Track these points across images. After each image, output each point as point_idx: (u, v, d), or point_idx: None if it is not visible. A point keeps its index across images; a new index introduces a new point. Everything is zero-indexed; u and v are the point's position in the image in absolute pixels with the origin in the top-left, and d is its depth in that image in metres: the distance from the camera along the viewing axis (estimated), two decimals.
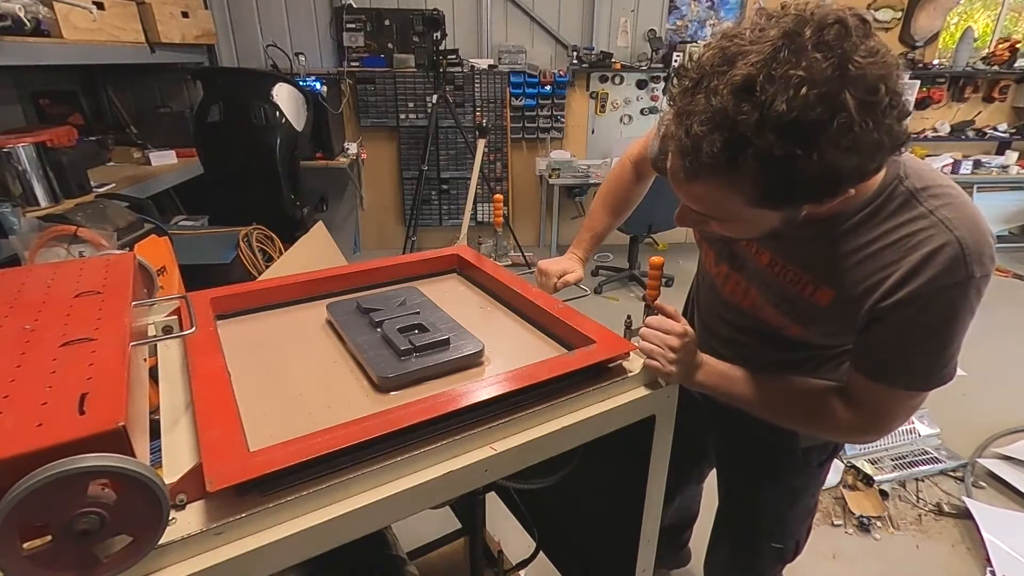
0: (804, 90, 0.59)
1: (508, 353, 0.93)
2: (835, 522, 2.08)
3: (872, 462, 2.31)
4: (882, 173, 0.76)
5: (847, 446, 2.36)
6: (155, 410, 0.75)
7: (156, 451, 0.68)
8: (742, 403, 0.92)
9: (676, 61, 4.30)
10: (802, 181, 0.64)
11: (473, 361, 0.88)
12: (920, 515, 2.13)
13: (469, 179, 3.84)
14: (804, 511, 1.23)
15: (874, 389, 0.82)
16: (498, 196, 1.38)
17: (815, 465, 1.14)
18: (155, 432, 0.70)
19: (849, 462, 2.31)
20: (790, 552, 1.25)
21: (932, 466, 2.32)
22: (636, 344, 0.88)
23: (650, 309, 0.94)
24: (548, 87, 4.37)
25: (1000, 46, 4.72)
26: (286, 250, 2.56)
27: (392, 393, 0.81)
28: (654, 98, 4.59)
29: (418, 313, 0.95)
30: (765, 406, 0.91)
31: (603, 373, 0.85)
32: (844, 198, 0.69)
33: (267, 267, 2.44)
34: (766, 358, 0.99)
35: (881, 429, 0.86)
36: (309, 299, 1.10)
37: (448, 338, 0.88)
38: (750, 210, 0.70)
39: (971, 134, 4.92)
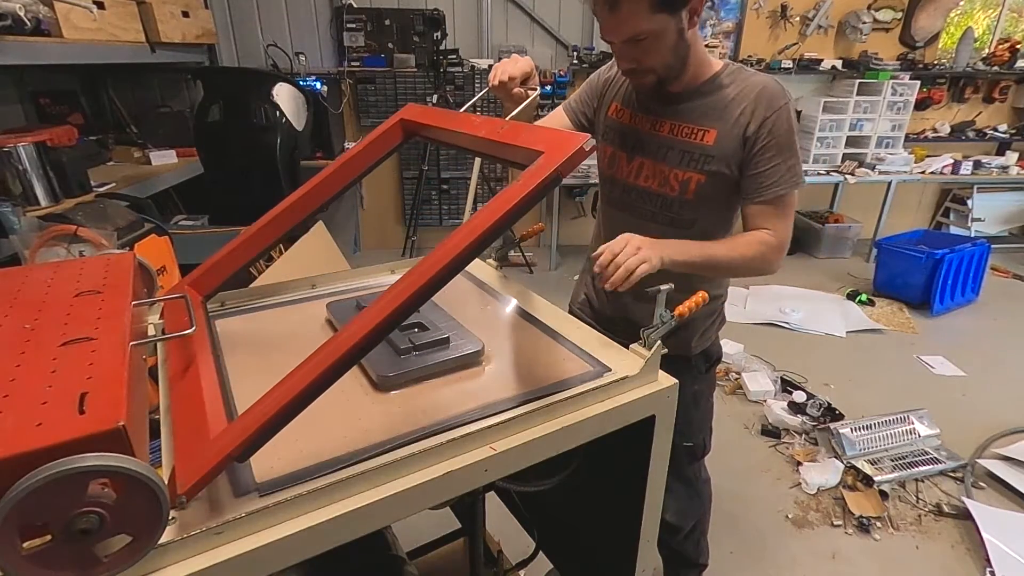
0: None
1: (509, 351, 0.93)
2: (835, 522, 2.08)
3: (872, 462, 2.31)
4: (720, 60, 1.19)
5: (846, 446, 2.37)
6: (155, 410, 0.76)
7: (156, 451, 0.68)
8: (705, 266, 1.12)
9: None
10: None
11: (473, 360, 0.87)
12: (920, 515, 2.12)
13: (469, 179, 3.85)
14: (705, 413, 1.49)
15: (776, 205, 1.14)
16: (540, 225, 1.39)
17: (703, 371, 1.41)
18: (155, 432, 0.70)
19: (849, 462, 2.31)
20: (700, 449, 1.51)
21: (932, 467, 2.32)
22: (606, 278, 0.94)
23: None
24: (549, 87, 4.37)
25: (1000, 47, 4.72)
26: (286, 250, 2.56)
27: (392, 392, 0.81)
28: None
29: (418, 311, 0.95)
30: (721, 260, 1.13)
31: (601, 376, 0.84)
32: (704, 70, 1.15)
33: (267, 267, 2.44)
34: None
35: (787, 236, 1.18)
36: (309, 299, 1.10)
37: (448, 337, 0.88)
38: (654, 17, 1.00)
39: (971, 135, 4.92)
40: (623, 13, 1.00)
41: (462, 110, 1.00)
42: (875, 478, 2.22)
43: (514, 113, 1.05)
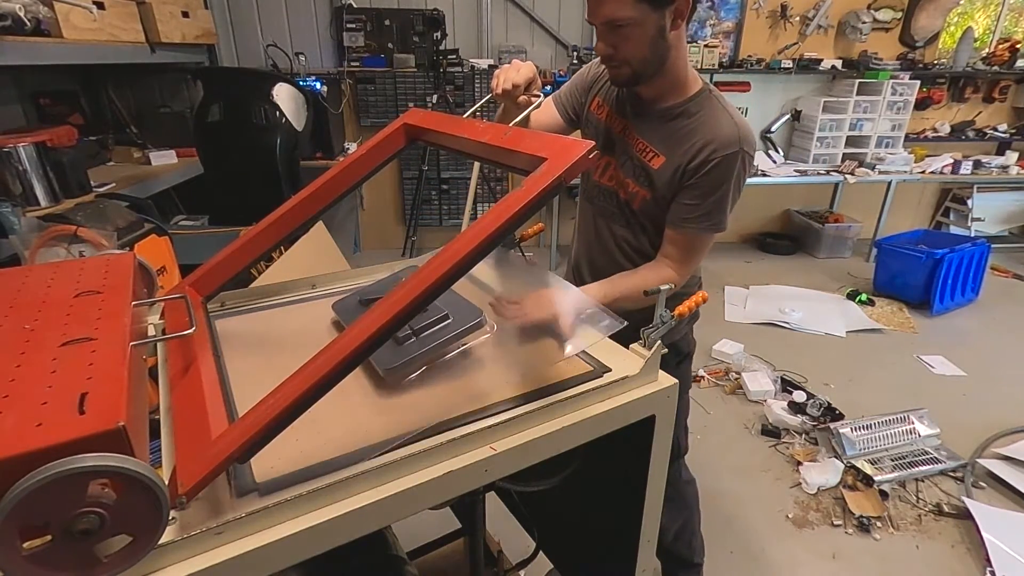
0: None
1: (509, 351, 0.93)
2: (835, 522, 2.08)
3: (872, 462, 2.31)
4: (700, 82, 1.18)
5: (846, 446, 2.37)
6: (155, 410, 0.75)
7: (156, 451, 0.68)
8: (614, 301, 1.13)
9: None
10: None
11: (475, 330, 0.87)
12: (920, 515, 2.13)
13: (469, 179, 3.85)
14: (679, 410, 1.48)
15: (692, 237, 1.18)
16: (540, 225, 1.36)
17: (674, 365, 1.39)
18: (155, 432, 0.70)
19: (849, 462, 2.31)
20: (675, 448, 1.50)
21: (932, 466, 2.32)
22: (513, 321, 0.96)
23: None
24: (548, 87, 4.37)
25: (1000, 46, 4.72)
26: (286, 250, 2.56)
27: (396, 388, 0.80)
28: None
29: None
30: (622, 296, 1.16)
31: (603, 373, 0.84)
32: (680, 89, 1.16)
33: (267, 267, 2.44)
34: (620, 241, 1.32)
35: (687, 276, 1.24)
36: (309, 299, 1.10)
37: (446, 312, 0.87)
38: (635, 5, 1.02)
39: (971, 134, 4.92)
40: None
41: (465, 116, 1.00)
42: (875, 478, 2.22)
43: (517, 120, 1.05)
